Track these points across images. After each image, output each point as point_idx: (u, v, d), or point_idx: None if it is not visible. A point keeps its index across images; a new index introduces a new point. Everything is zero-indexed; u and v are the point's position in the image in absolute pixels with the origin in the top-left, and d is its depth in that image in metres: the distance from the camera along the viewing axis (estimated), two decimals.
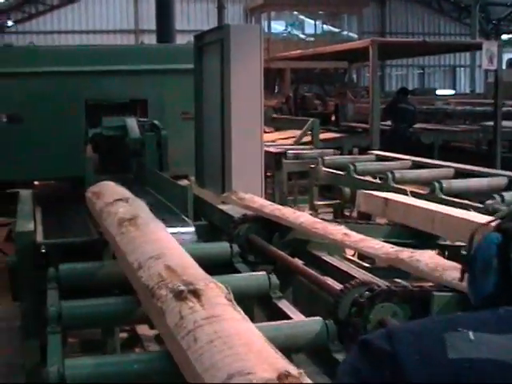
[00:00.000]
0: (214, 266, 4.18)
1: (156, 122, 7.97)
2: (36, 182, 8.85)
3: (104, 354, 4.35)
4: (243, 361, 1.95)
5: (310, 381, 1.82)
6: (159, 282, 2.71)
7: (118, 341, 4.80)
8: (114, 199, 3.96)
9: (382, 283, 3.36)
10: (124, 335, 5.71)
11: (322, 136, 13.22)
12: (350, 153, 13.42)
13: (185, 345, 2.21)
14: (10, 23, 37.02)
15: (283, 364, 1.92)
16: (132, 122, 7.78)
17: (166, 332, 2.49)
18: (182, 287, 2.53)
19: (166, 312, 2.49)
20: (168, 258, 2.93)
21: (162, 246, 3.15)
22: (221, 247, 4.43)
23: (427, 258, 3.31)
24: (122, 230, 3.44)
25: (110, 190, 4.28)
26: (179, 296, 2.49)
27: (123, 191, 4.24)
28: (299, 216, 4.48)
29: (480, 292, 1.64)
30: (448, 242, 4.65)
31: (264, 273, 3.72)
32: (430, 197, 6.06)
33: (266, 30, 31.36)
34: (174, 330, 2.35)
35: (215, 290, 2.52)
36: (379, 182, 7.35)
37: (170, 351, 2.48)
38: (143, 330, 5.92)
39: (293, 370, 1.85)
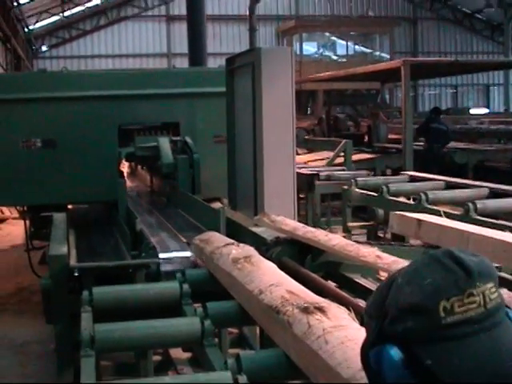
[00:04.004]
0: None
1: (188, 139, 7.98)
2: (69, 206, 8.92)
3: (137, 377, 4.35)
4: None
5: None
6: (283, 301, 2.94)
7: (151, 364, 4.79)
8: (225, 243, 4.40)
9: None
10: (157, 358, 5.69)
11: (355, 157, 13.20)
12: (383, 173, 13.39)
13: (315, 346, 2.42)
14: (44, 48, 37.49)
15: None
16: (165, 143, 7.80)
17: (291, 341, 2.69)
18: (307, 304, 2.75)
19: (292, 324, 2.69)
20: (288, 285, 3.23)
21: (279, 277, 3.50)
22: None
23: None
24: (237, 266, 3.85)
25: (217, 238, 4.77)
26: (306, 310, 2.71)
27: (228, 239, 4.64)
28: (332, 238, 4.46)
29: None
30: None
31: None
32: (464, 217, 6.00)
33: (298, 51, 31.50)
34: (303, 337, 2.54)
35: (338, 309, 2.73)
36: (412, 202, 7.30)
37: None
38: (176, 353, 5.91)
39: None
